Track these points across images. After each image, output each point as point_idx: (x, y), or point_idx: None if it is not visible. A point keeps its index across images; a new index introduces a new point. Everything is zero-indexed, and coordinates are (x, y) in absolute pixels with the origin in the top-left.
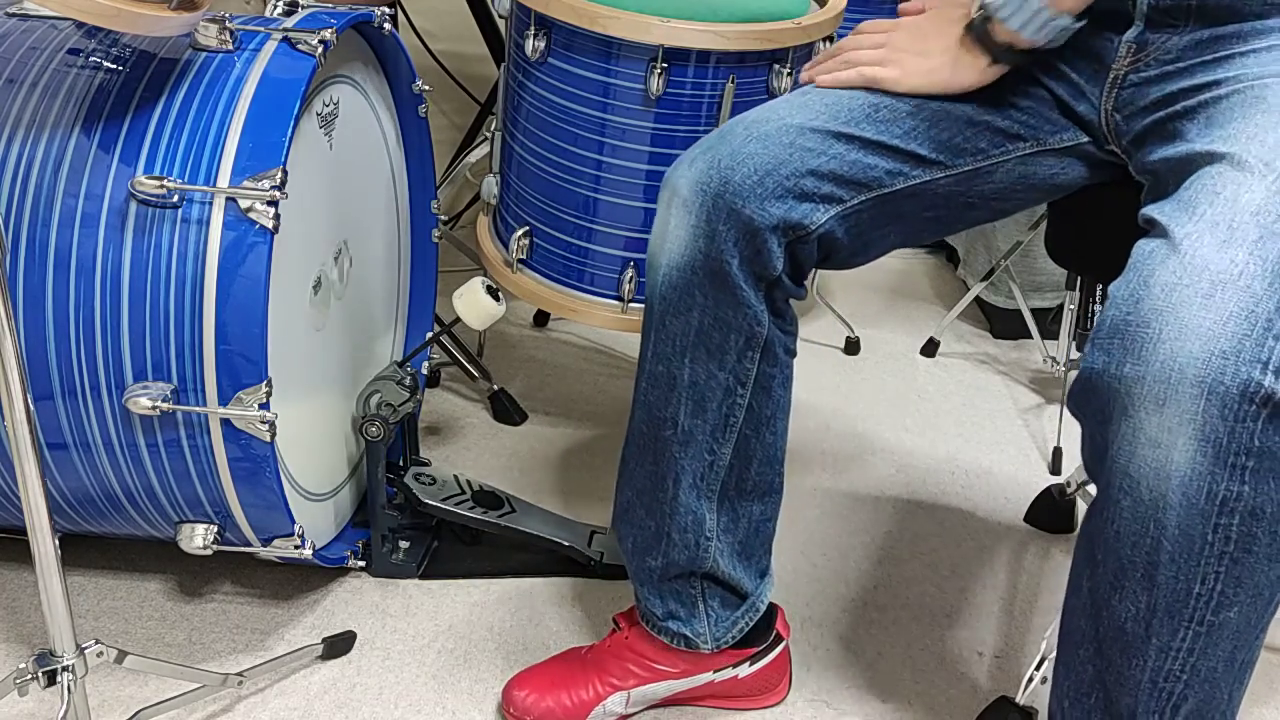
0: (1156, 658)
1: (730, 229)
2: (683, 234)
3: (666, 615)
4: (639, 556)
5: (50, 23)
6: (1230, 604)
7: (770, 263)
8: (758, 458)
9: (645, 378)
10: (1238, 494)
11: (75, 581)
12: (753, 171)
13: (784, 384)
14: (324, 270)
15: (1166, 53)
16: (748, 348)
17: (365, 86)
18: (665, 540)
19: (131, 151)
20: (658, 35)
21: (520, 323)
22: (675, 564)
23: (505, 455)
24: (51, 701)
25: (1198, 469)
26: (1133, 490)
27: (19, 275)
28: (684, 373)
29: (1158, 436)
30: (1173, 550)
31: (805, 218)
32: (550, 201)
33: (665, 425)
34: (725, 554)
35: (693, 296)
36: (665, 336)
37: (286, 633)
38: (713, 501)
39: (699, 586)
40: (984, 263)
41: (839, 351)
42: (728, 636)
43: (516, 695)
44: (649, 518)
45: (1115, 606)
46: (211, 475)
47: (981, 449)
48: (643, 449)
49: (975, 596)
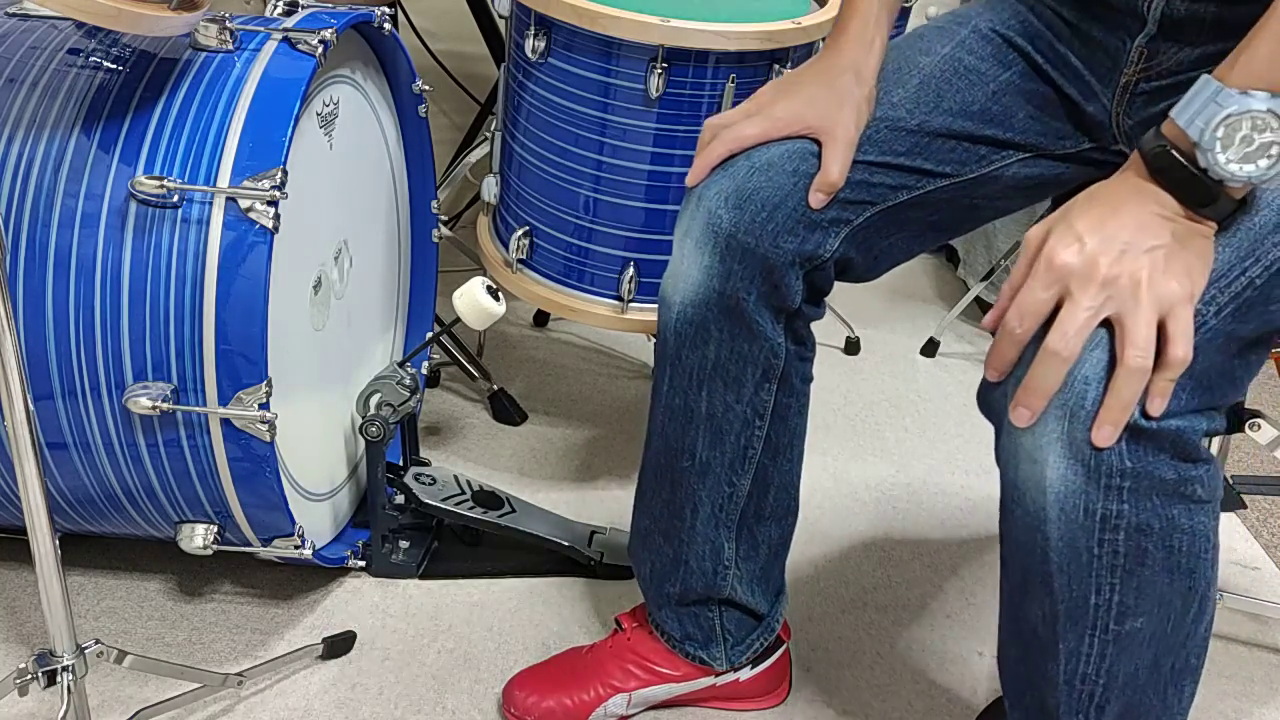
0: (1068, 661)
1: (746, 267)
2: (696, 273)
3: (684, 638)
4: (657, 582)
5: (50, 23)
6: (1134, 614)
7: (790, 296)
8: (775, 484)
9: (661, 409)
10: (1118, 512)
11: (75, 581)
12: (761, 207)
13: (800, 412)
14: (324, 270)
15: (1178, 65)
16: (765, 379)
17: (365, 86)
18: (683, 568)
19: (131, 151)
20: (658, 35)
21: (520, 323)
22: (693, 590)
23: (505, 455)
24: (51, 701)
25: (1070, 487)
26: (1020, 501)
27: (19, 275)
28: (701, 405)
29: (1033, 452)
30: (1059, 561)
31: (819, 247)
32: (550, 201)
33: (683, 456)
34: (744, 580)
35: (709, 331)
36: (681, 370)
37: (286, 633)
38: (731, 530)
39: (716, 611)
40: (984, 263)
41: (839, 351)
42: (743, 658)
43: (517, 695)
44: (666, 545)
45: (1026, 609)
46: (211, 475)
47: (982, 449)
48: (660, 478)
49: (975, 597)
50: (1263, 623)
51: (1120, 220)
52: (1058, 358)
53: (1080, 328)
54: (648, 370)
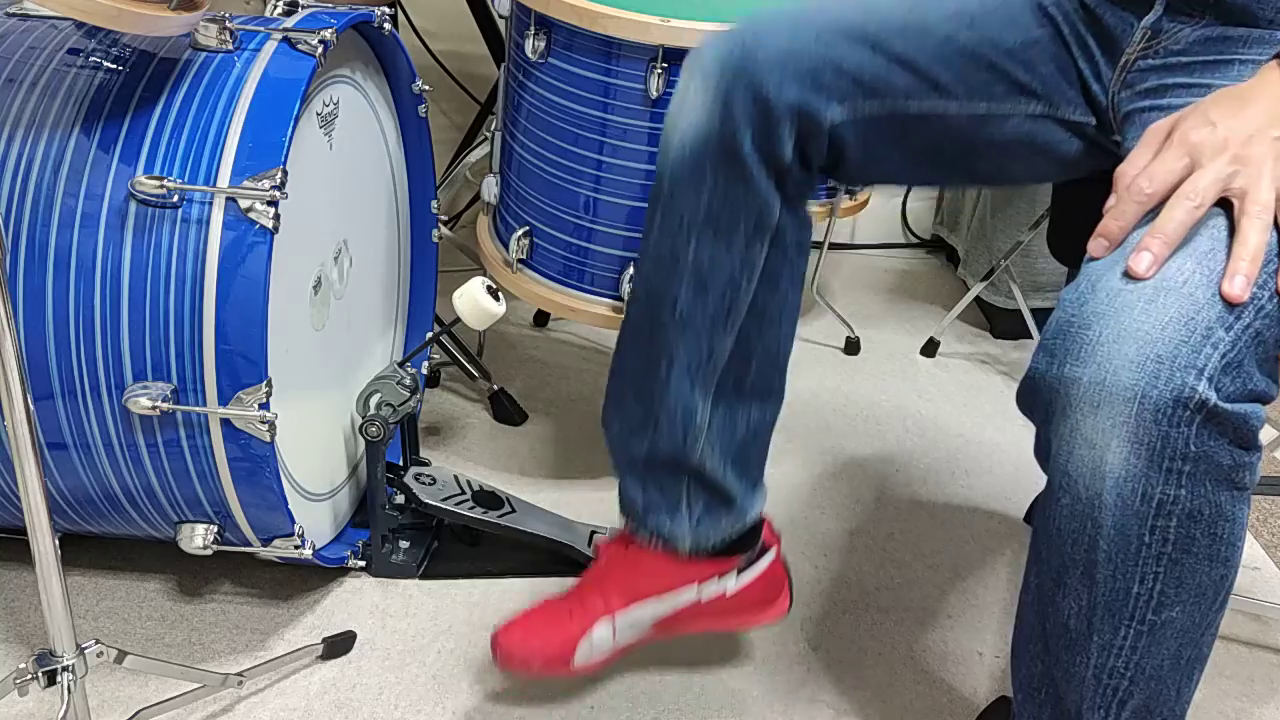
0: (1099, 655)
1: (746, 103)
2: (699, 106)
3: (647, 507)
4: (623, 441)
5: (50, 23)
6: (1172, 604)
7: (779, 147)
8: (758, 356)
9: (648, 258)
10: (1174, 497)
11: (75, 581)
12: (776, 52)
13: (792, 281)
14: (324, 270)
15: (1176, 43)
16: (757, 232)
17: (365, 86)
18: (653, 425)
19: (131, 151)
20: (658, 35)
21: (520, 323)
22: (661, 451)
23: (505, 455)
24: (51, 701)
25: (1132, 471)
26: (1071, 489)
27: (19, 275)
28: (688, 252)
29: (1093, 438)
30: (1109, 550)
31: (819, 110)
32: (550, 201)
33: (664, 307)
34: (716, 453)
35: (704, 172)
36: (672, 213)
37: (286, 633)
38: (707, 395)
39: (684, 482)
40: (984, 263)
41: (839, 351)
42: (708, 543)
43: (503, 642)
44: (638, 403)
45: (1059, 603)
46: (211, 475)
47: (982, 449)
48: (638, 331)
49: (976, 597)
50: (1263, 623)
51: (1251, 111)
52: (1190, 203)
53: (1209, 184)
54: None
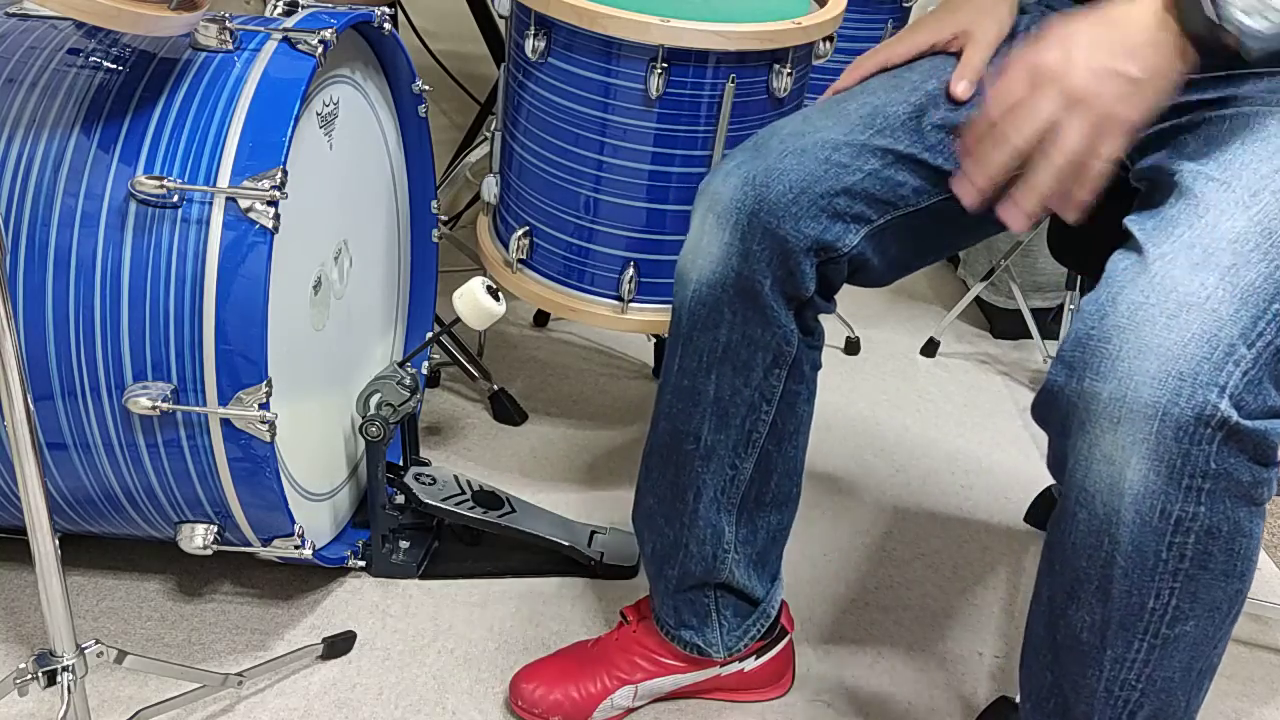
0: (1111, 668)
1: (765, 249)
2: (716, 251)
3: (679, 625)
4: (656, 564)
5: (50, 23)
6: (1186, 618)
7: (803, 284)
8: (778, 470)
9: (670, 390)
10: (1193, 514)
11: (75, 581)
12: (788, 189)
13: (808, 399)
14: (324, 270)
15: None
16: (775, 365)
17: (365, 86)
18: (683, 551)
19: (131, 151)
20: (658, 35)
21: (520, 323)
22: (691, 575)
23: (505, 455)
24: (51, 701)
25: (1151, 488)
26: (1088, 504)
27: (19, 275)
28: (709, 388)
29: (1112, 454)
30: (1126, 565)
31: (838, 239)
32: (550, 201)
33: (688, 439)
34: (741, 565)
35: (721, 313)
36: (692, 351)
37: (286, 633)
38: (732, 514)
39: (713, 596)
40: (984, 263)
41: (839, 351)
42: (740, 645)
43: (524, 688)
44: (668, 526)
45: (1071, 616)
46: (211, 475)
47: (982, 449)
48: (665, 460)
49: (976, 597)
50: (1263, 623)
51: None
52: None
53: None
54: (648, 370)
